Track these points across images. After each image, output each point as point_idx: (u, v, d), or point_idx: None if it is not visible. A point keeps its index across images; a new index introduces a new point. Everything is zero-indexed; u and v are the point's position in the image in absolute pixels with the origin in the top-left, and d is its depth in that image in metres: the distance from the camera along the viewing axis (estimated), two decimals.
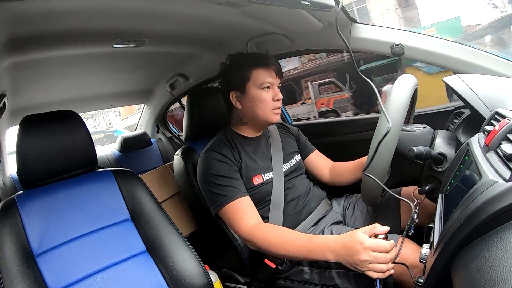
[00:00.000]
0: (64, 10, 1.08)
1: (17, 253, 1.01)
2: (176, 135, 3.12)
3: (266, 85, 1.35)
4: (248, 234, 1.22)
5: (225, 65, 1.44)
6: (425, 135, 1.11)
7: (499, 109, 0.89)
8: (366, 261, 0.93)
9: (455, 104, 1.55)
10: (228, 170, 1.30)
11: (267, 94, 1.36)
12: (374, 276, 0.94)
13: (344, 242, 0.99)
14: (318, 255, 1.05)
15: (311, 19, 1.42)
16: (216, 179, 1.29)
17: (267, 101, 1.36)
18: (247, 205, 1.27)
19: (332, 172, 1.60)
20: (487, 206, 0.53)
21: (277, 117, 1.40)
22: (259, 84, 1.35)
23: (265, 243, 1.18)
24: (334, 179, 1.59)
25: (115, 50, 1.53)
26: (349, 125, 2.04)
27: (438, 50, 1.34)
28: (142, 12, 1.24)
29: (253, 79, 1.36)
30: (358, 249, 0.94)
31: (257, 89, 1.35)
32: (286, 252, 1.14)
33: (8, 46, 1.19)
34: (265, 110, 1.36)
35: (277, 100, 1.37)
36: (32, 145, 1.15)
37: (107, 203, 1.24)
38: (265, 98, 1.35)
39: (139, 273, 1.14)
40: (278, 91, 1.39)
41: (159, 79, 2.46)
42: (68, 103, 2.25)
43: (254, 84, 1.36)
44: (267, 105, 1.36)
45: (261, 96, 1.35)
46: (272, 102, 1.36)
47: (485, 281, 0.45)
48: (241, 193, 1.28)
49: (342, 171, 1.55)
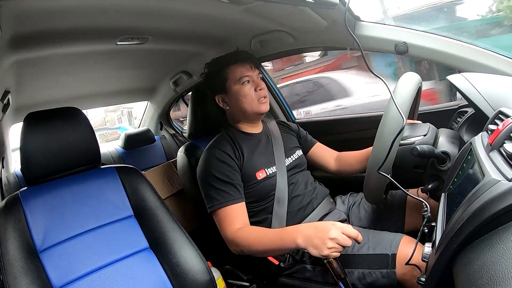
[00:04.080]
0: (67, 8, 1.08)
1: (20, 250, 1.02)
2: (180, 132, 3.13)
3: (245, 79, 1.39)
4: (231, 237, 1.25)
5: (204, 74, 1.50)
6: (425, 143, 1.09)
7: (503, 108, 0.88)
8: (335, 239, 0.98)
9: (459, 102, 1.55)
10: (227, 172, 1.31)
11: (248, 87, 1.39)
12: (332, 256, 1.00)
13: (316, 224, 1.07)
14: (290, 241, 1.08)
15: (315, 16, 1.41)
16: (214, 181, 1.30)
17: (250, 94, 1.39)
18: (238, 212, 1.28)
19: (339, 162, 1.60)
20: (489, 206, 0.53)
21: (265, 106, 1.42)
22: (238, 79, 1.39)
23: (245, 242, 1.21)
24: (341, 169, 1.59)
25: (119, 47, 1.53)
26: (352, 123, 2.03)
27: (442, 48, 1.33)
28: (146, 10, 1.25)
29: (231, 76, 1.40)
30: (329, 228, 1.00)
31: (237, 85, 1.39)
32: (263, 246, 1.16)
33: (12, 44, 1.20)
34: (250, 102, 1.39)
35: (259, 90, 1.40)
36: (36, 142, 1.15)
37: (111, 199, 1.25)
38: (247, 91, 1.39)
39: (142, 269, 1.14)
40: (260, 81, 1.42)
41: (162, 76, 2.47)
42: (72, 100, 2.27)
43: (233, 81, 1.40)
44: (251, 97, 1.39)
45: (242, 90, 1.39)
46: (254, 93, 1.39)
47: (486, 280, 0.45)
48: (234, 199, 1.29)
49: (348, 160, 1.56)
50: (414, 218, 1.36)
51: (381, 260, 1.13)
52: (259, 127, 1.51)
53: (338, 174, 1.61)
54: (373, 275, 1.14)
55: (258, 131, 1.49)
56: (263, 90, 1.41)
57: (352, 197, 1.59)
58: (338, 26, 1.47)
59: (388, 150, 0.92)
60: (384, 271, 1.12)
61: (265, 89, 1.42)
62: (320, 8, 1.34)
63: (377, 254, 1.15)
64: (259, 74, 1.43)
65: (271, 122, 1.60)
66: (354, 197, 1.59)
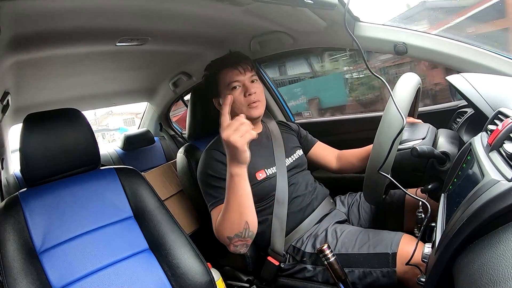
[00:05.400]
0: (67, 9, 1.08)
1: (20, 251, 1.02)
2: (179, 133, 3.12)
3: (234, 85, 1.37)
4: (215, 231, 1.22)
5: (205, 76, 1.49)
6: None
7: (502, 108, 0.88)
8: (235, 133, 1.02)
9: (459, 103, 1.55)
10: (224, 171, 1.30)
11: (237, 92, 1.37)
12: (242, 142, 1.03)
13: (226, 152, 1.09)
14: (231, 179, 1.10)
15: (314, 17, 1.41)
16: (211, 179, 1.30)
17: (239, 99, 1.37)
18: None
19: (340, 161, 1.61)
20: (489, 206, 0.53)
21: (256, 111, 1.39)
22: (227, 84, 1.38)
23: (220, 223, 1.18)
24: (342, 167, 1.60)
25: (118, 48, 1.53)
26: (352, 124, 2.03)
27: (441, 49, 1.33)
28: (145, 11, 1.25)
29: (221, 82, 1.40)
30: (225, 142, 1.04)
31: (227, 90, 1.38)
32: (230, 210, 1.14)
33: (11, 45, 1.19)
34: (240, 108, 1.37)
35: (249, 95, 1.37)
36: (36, 143, 1.16)
37: (110, 200, 1.25)
38: (236, 97, 1.37)
39: (142, 270, 1.14)
40: (251, 85, 1.39)
41: (162, 77, 2.47)
42: (71, 101, 2.26)
43: (224, 86, 1.39)
44: (240, 103, 1.38)
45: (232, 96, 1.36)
46: (244, 99, 1.38)
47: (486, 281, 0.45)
48: None
49: (349, 158, 1.56)
50: (413, 218, 1.35)
51: (381, 259, 1.13)
52: (258, 128, 1.51)
53: (339, 173, 1.62)
54: (373, 274, 1.14)
55: (257, 132, 1.49)
56: (254, 94, 1.38)
57: (351, 196, 1.60)
58: (338, 27, 1.48)
59: (388, 150, 0.92)
60: (384, 270, 1.12)
61: (257, 92, 1.39)
62: (319, 9, 1.34)
63: (377, 253, 1.15)
64: (252, 77, 1.40)
65: (271, 122, 1.60)
66: (353, 196, 1.59)
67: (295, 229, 1.37)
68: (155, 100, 2.90)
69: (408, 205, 1.40)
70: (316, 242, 1.30)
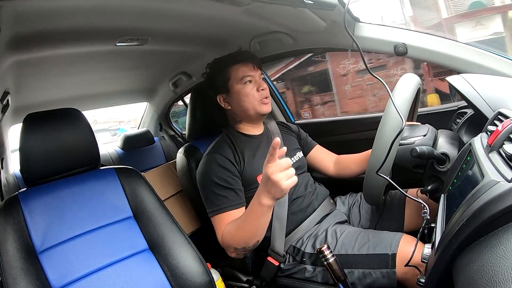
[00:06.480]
0: (67, 8, 1.08)
1: (19, 250, 1.02)
2: (179, 133, 3.12)
3: (247, 79, 1.39)
4: (221, 240, 1.25)
5: (206, 74, 1.49)
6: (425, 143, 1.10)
7: (502, 109, 0.88)
8: (281, 179, 0.98)
9: (458, 104, 1.55)
10: (227, 177, 1.31)
11: (250, 87, 1.39)
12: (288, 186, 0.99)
13: (261, 183, 1.05)
14: (258, 207, 1.08)
15: (314, 18, 1.41)
16: (214, 186, 1.30)
17: (252, 93, 1.39)
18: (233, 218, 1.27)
19: (337, 165, 1.61)
20: (489, 207, 0.53)
21: (266, 107, 1.42)
22: (240, 79, 1.39)
23: (231, 237, 1.20)
24: (340, 172, 1.60)
25: (118, 48, 1.53)
26: (351, 124, 2.03)
27: (441, 49, 1.33)
28: (145, 11, 1.24)
29: (233, 76, 1.40)
30: (267, 177, 0.99)
31: (240, 84, 1.39)
32: (245, 230, 1.16)
33: (11, 44, 1.19)
34: (252, 102, 1.39)
35: (262, 90, 1.40)
36: (35, 142, 1.15)
37: (110, 200, 1.24)
38: (249, 91, 1.39)
39: (141, 270, 1.14)
40: (262, 82, 1.42)
41: (162, 77, 2.47)
42: (71, 101, 2.26)
43: (235, 80, 1.40)
44: (253, 97, 1.39)
45: (244, 90, 1.39)
46: (257, 93, 1.39)
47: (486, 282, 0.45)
48: (233, 205, 1.28)
49: (347, 163, 1.57)
50: (413, 218, 1.37)
51: (381, 260, 1.13)
52: (260, 128, 1.51)
53: (337, 177, 1.62)
54: (373, 275, 1.14)
55: (259, 132, 1.49)
56: (265, 90, 1.41)
57: (352, 197, 1.60)
58: (338, 27, 1.48)
59: (387, 151, 0.92)
60: (384, 271, 1.12)
61: (267, 89, 1.42)
62: (319, 9, 1.34)
63: (377, 254, 1.15)
64: (261, 75, 1.44)
65: (271, 123, 1.60)
66: (354, 197, 1.59)
67: (295, 230, 1.38)
68: (155, 100, 2.90)
69: (408, 206, 1.40)
70: (316, 243, 1.30)
